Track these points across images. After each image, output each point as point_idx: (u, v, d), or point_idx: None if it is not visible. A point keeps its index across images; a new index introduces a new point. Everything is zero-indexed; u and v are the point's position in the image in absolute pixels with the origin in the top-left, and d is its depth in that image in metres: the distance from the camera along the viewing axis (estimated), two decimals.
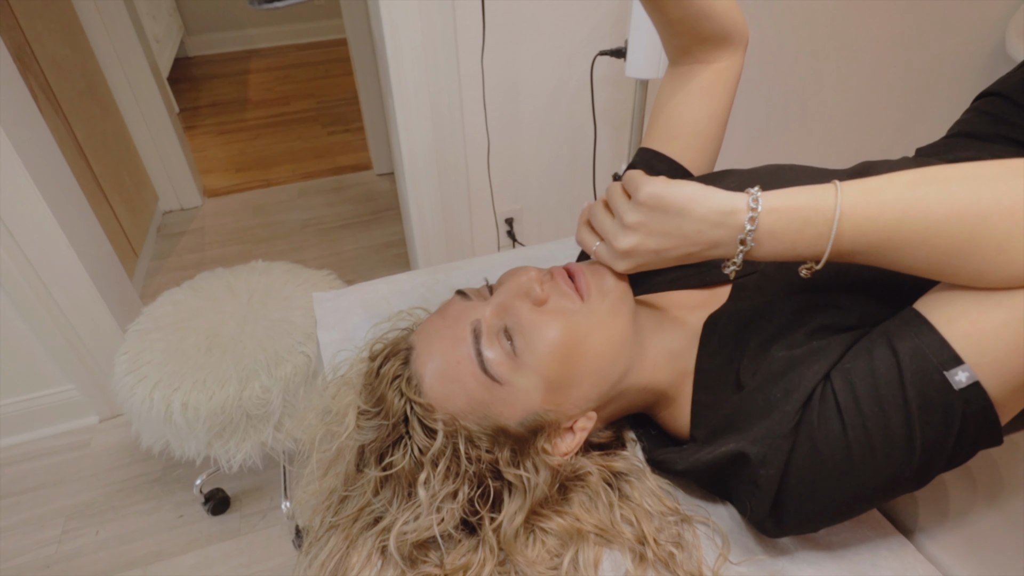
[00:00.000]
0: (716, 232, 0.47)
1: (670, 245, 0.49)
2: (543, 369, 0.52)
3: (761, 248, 0.47)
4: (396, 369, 0.54)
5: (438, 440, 0.51)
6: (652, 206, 0.48)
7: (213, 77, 3.81)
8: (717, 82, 0.71)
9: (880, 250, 0.44)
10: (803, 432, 0.48)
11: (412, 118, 1.37)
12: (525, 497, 0.52)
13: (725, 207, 0.47)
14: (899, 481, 0.47)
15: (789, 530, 0.52)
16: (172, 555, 1.33)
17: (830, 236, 0.44)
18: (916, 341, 0.44)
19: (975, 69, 1.79)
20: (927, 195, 0.42)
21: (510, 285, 0.55)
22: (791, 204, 0.46)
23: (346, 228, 2.41)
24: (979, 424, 0.43)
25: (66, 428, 1.62)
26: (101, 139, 2.01)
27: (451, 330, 0.53)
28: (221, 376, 1.13)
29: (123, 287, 1.68)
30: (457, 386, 0.52)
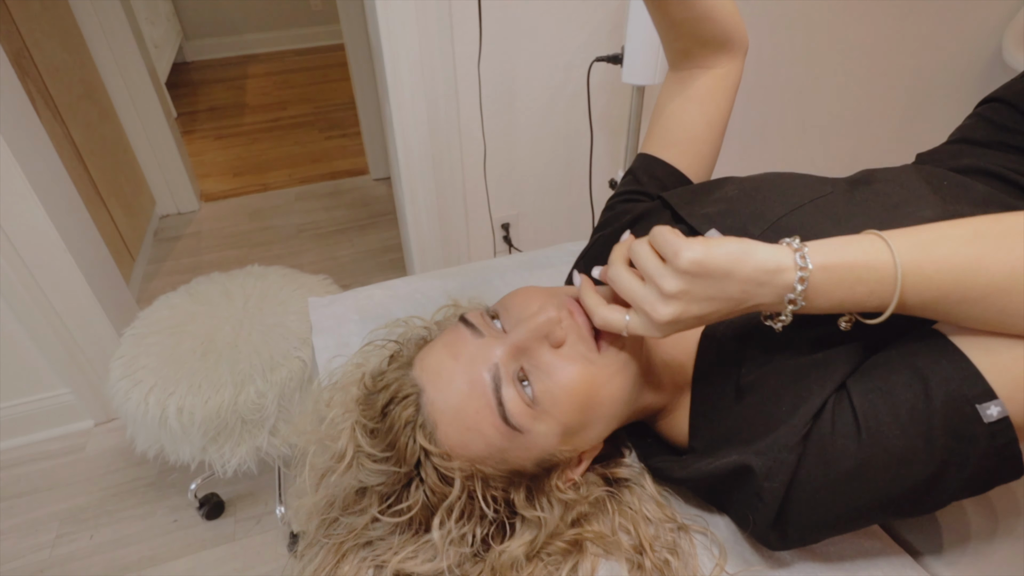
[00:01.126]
0: (761, 291, 0.44)
1: (713, 309, 0.45)
2: (562, 416, 0.51)
3: (809, 306, 0.45)
4: (408, 415, 0.50)
5: (455, 489, 0.49)
6: (695, 273, 0.43)
7: (211, 82, 3.82)
8: (717, 88, 0.72)
9: (934, 307, 0.43)
10: (812, 444, 0.47)
11: (409, 123, 1.38)
12: (539, 533, 0.52)
13: (770, 265, 0.43)
14: (909, 504, 0.47)
15: (792, 543, 0.52)
16: (166, 560, 1.32)
17: (891, 294, 0.43)
18: (950, 370, 0.44)
19: (972, 76, 1.80)
20: (985, 253, 0.41)
21: (529, 326, 0.50)
22: (842, 261, 0.43)
23: (342, 233, 2.41)
24: (1002, 458, 0.43)
25: (61, 432, 1.61)
26: (99, 144, 2.01)
27: (467, 375, 0.50)
28: (216, 381, 1.13)
29: (119, 291, 1.68)
30: (475, 434, 0.49)
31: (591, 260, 0.76)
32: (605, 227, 0.76)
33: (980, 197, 0.61)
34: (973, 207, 0.59)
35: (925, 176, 0.64)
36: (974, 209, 0.59)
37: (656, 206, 0.71)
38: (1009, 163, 0.68)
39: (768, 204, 0.61)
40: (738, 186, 0.66)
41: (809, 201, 0.60)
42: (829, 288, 0.44)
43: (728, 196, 0.65)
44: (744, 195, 0.64)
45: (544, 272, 0.93)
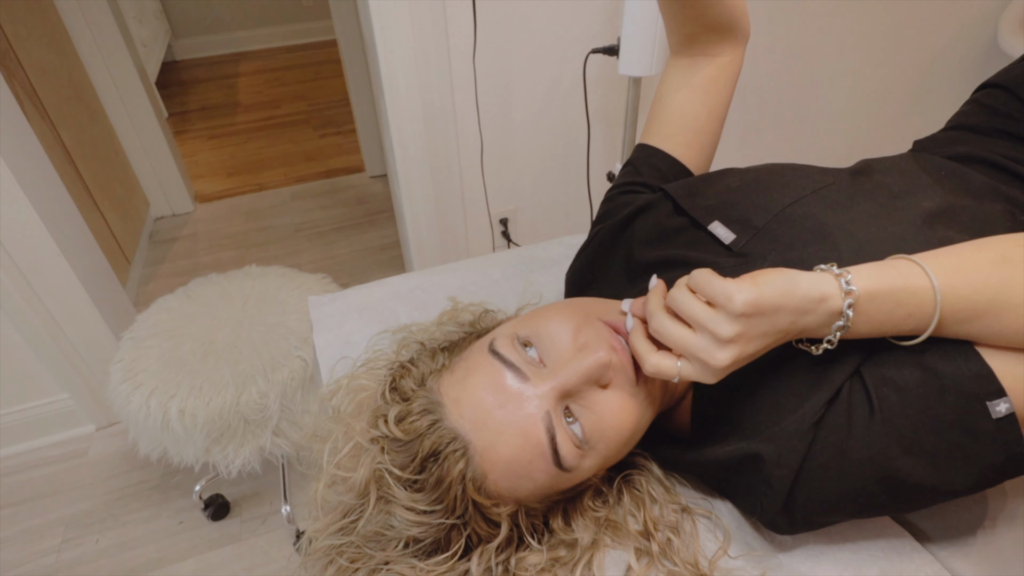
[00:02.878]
0: (805, 319, 0.44)
1: (765, 345, 0.45)
2: (606, 451, 0.51)
3: (852, 330, 0.46)
4: (460, 469, 0.47)
5: (503, 531, 0.50)
6: (751, 314, 0.43)
7: (202, 81, 3.79)
8: (719, 77, 0.71)
9: (967, 327, 0.45)
10: (824, 430, 0.48)
11: (404, 119, 1.37)
12: (573, 551, 0.53)
13: (815, 293, 0.44)
14: (919, 495, 0.48)
15: (801, 527, 0.52)
16: (173, 561, 1.32)
17: (929, 316, 0.44)
18: (963, 367, 0.45)
19: (968, 64, 1.80)
20: (1014, 276, 0.44)
21: (579, 371, 0.48)
22: (884, 286, 0.44)
23: (340, 231, 2.40)
24: (1009, 453, 0.45)
25: (62, 438, 1.61)
26: (90, 145, 1.99)
27: (519, 427, 0.47)
28: (218, 382, 1.12)
29: (116, 295, 1.67)
30: (526, 480, 0.49)
31: (591, 254, 0.76)
32: (605, 219, 0.75)
33: (977, 188, 0.61)
34: (971, 198, 0.60)
35: (924, 165, 0.64)
36: (973, 200, 0.59)
37: (658, 198, 0.70)
38: (1006, 150, 0.68)
39: (771, 195, 0.61)
40: (740, 178, 0.66)
41: (811, 192, 0.60)
42: (872, 312, 0.45)
43: (730, 188, 0.65)
44: (746, 187, 0.64)
45: (545, 267, 0.92)
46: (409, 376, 0.56)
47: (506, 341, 0.51)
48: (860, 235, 0.54)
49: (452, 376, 0.52)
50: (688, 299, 0.45)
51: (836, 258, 0.53)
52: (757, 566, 0.53)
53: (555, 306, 0.56)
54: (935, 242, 0.49)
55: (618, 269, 0.71)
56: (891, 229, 0.54)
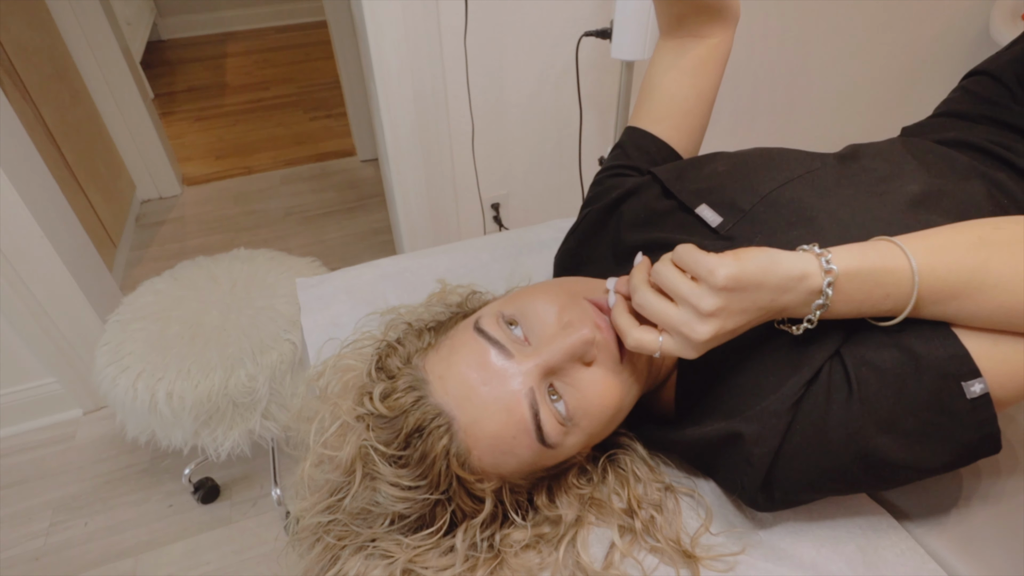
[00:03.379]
0: (786, 297, 0.45)
1: (746, 321, 0.46)
2: (590, 428, 0.51)
3: (831, 310, 0.46)
4: (444, 445, 0.48)
5: (487, 507, 0.50)
6: (732, 288, 0.44)
7: (188, 61, 3.73)
8: (709, 59, 0.71)
9: (943, 307, 0.46)
10: (804, 409, 0.49)
11: (395, 101, 1.35)
12: (557, 528, 0.53)
13: (796, 272, 0.45)
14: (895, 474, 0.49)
15: (779, 505, 0.53)
16: (163, 544, 1.32)
17: (907, 297, 0.45)
18: (939, 348, 0.46)
19: (960, 52, 1.80)
20: (991, 258, 0.45)
21: (563, 348, 0.48)
22: (863, 265, 0.45)
23: (330, 216, 2.39)
24: (981, 433, 0.46)
25: (49, 422, 1.60)
26: (73, 126, 1.96)
27: (502, 403, 0.48)
28: (205, 365, 1.12)
29: (102, 278, 1.65)
30: (509, 456, 0.49)
31: (581, 236, 0.76)
32: (594, 202, 0.75)
33: (964, 171, 0.62)
34: (957, 180, 0.60)
35: (911, 150, 0.64)
36: (958, 182, 0.60)
37: (646, 181, 0.70)
38: (992, 136, 0.68)
39: (758, 179, 0.61)
40: (728, 161, 0.66)
41: (798, 176, 0.60)
42: (851, 291, 0.45)
43: (718, 172, 0.65)
44: (734, 170, 0.64)
45: (535, 249, 0.92)
46: (395, 355, 0.56)
47: (491, 319, 0.51)
48: (845, 219, 0.55)
49: (437, 354, 0.52)
50: (671, 273, 0.46)
51: (821, 241, 0.53)
52: (737, 542, 0.55)
53: (541, 285, 0.56)
54: (918, 226, 0.49)
55: (606, 251, 0.71)
56: (876, 213, 0.55)
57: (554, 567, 0.51)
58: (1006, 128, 0.70)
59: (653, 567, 0.52)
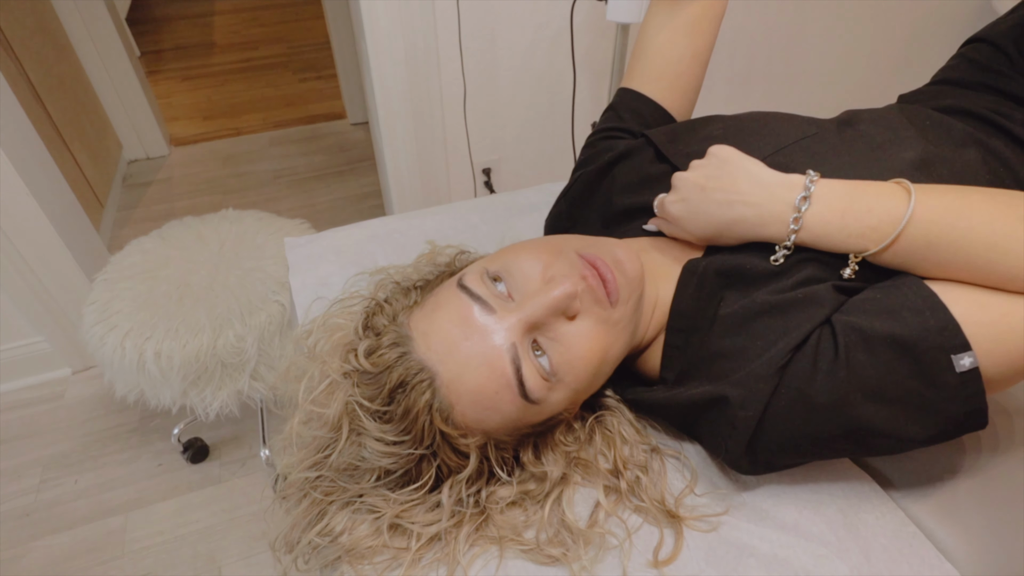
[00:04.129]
0: (765, 191, 0.52)
1: (716, 186, 0.54)
2: (575, 383, 0.51)
3: (813, 223, 0.50)
4: (426, 399, 0.48)
5: (471, 462, 0.50)
6: (716, 154, 0.56)
7: (175, 19, 3.63)
8: (703, 18, 0.70)
9: (924, 230, 0.47)
10: (789, 376, 0.49)
11: (386, 62, 1.33)
12: (543, 484, 0.54)
13: (781, 175, 0.52)
14: (879, 443, 0.49)
15: (762, 468, 0.54)
16: (152, 502, 1.34)
17: (897, 216, 0.48)
18: (930, 319, 0.45)
19: (960, 20, 1.78)
20: (972, 195, 0.47)
21: (545, 303, 0.48)
22: (844, 183, 0.50)
23: (320, 179, 2.36)
24: (969, 407, 0.45)
25: (38, 380, 1.60)
26: (57, 82, 1.91)
27: (484, 357, 0.48)
28: (194, 325, 1.12)
29: (89, 237, 1.64)
30: (493, 412, 0.49)
31: (572, 199, 0.75)
32: (586, 164, 0.74)
33: (960, 138, 0.61)
34: (954, 147, 0.60)
35: (907, 116, 0.64)
36: (955, 149, 0.59)
37: (639, 144, 0.70)
38: (989, 103, 0.68)
39: (754, 143, 0.60)
40: (723, 125, 0.66)
41: (795, 141, 0.60)
42: (833, 197, 0.50)
43: (713, 135, 0.64)
44: (730, 134, 0.63)
45: (525, 212, 0.92)
46: (382, 313, 0.56)
47: (475, 276, 0.51)
48: None
49: (422, 311, 0.52)
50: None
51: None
52: (721, 503, 0.55)
53: (527, 242, 0.56)
54: None
55: (597, 215, 0.71)
56: (872, 179, 0.54)
57: (539, 524, 0.52)
58: (1004, 96, 0.69)
59: (637, 526, 0.53)
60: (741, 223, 0.53)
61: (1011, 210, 0.45)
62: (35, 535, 1.28)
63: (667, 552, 0.51)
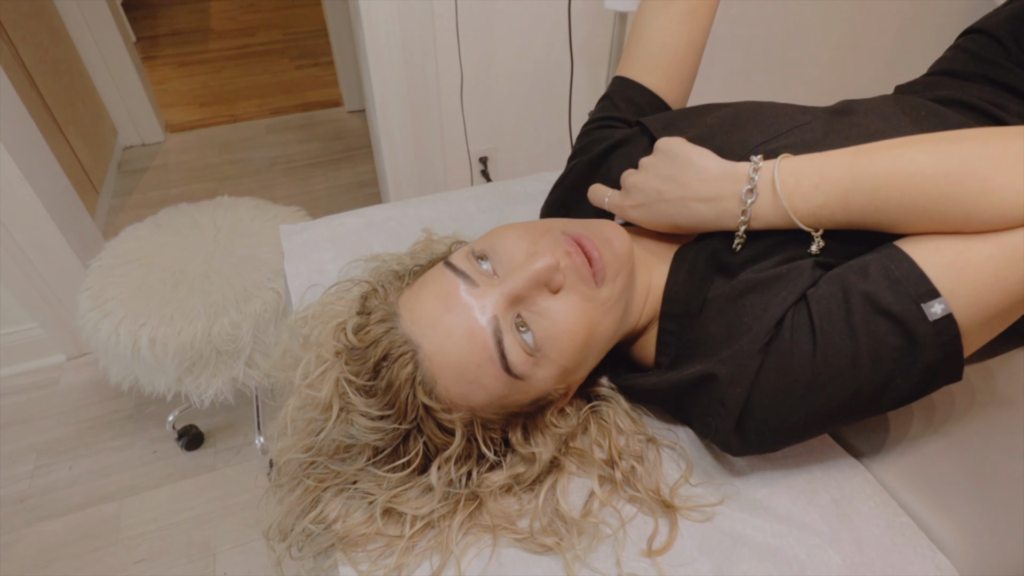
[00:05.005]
0: (715, 185, 0.52)
1: (668, 188, 0.55)
2: (561, 359, 0.51)
3: (762, 203, 0.51)
4: (408, 372, 0.48)
5: (456, 439, 0.50)
6: (663, 150, 0.56)
7: (172, 4, 3.59)
8: (700, 6, 0.70)
9: (873, 196, 0.47)
10: (773, 351, 0.49)
11: (383, 50, 1.32)
12: (531, 467, 0.53)
13: (727, 167, 0.52)
14: (861, 406, 0.48)
15: (753, 448, 0.54)
16: (147, 489, 1.34)
17: (840, 186, 0.48)
18: (896, 272, 0.45)
19: (959, 10, 1.77)
20: (915, 148, 0.46)
21: (526, 275, 0.48)
22: (788, 162, 0.50)
23: (316, 167, 2.35)
24: (946, 355, 0.45)
25: (32, 367, 1.59)
26: (51, 66, 1.89)
27: (465, 329, 0.48)
28: (189, 312, 1.11)
29: (84, 223, 1.63)
30: (477, 387, 0.49)
31: (567, 188, 0.75)
32: (582, 153, 0.74)
33: (956, 128, 0.61)
34: None
35: (903, 107, 0.64)
36: None
37: (634, 132, 0.70)
38: (985, 94, 0.68)
39: (748, 132, 0.60)
40: (718, 114, 0.65)
41: (788, 130, 0.60)
42: (780, 181, 0.50)
43: (707, 124, 0.64)
44: (724, 123, 0.63)
45: (522, 201, 0.91)
46: (375, 296, 0.57)
47: (461, 255, 0.52)
48: None
49: (411, 290, 0.53)
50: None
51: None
52: (716, 493, 0.56)
53: (515, 223, 0.56)
54: None
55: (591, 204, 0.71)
56: None
57: (533, 513, 0.52)
58: (1000, 87, 0.69)
59: (631, 515, 0.53)
60: (698, 220, 0.54)
61: (953, 152, 0.45)
62: (29, 521, 1.28)
63: (661, 542, 0.51)
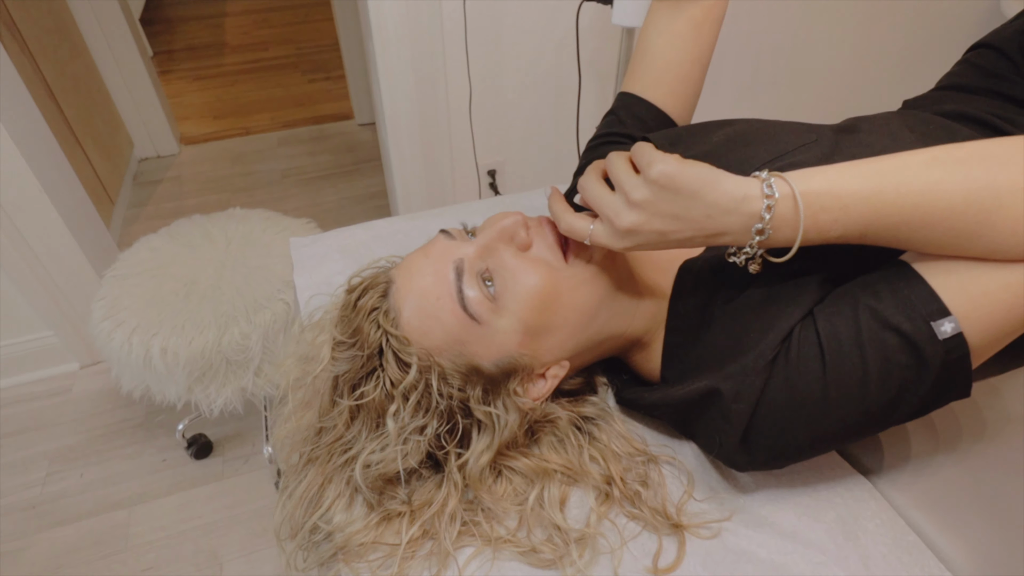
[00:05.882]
0: (726, 219, 0.45)
1: (675, 228, 0.46)
2: (521, 313, 0.52)
3: (776, 236, 0.45)
4: (374, 302, 0.53)
5: (411, 373, 0.51)
6: (663, 185, 0.44)
7: (188, 19, 3.66)
8: (704, 21, 0.70)
9: (895, 232, 0.44)
10: (779, 368, 0.49)
11: (393, 65, 1.34)
12: (493, 435, 0.53)
13: (738, 193, 0.44)
14: (868, 423, 0.48)
15: (759, 464, 0.53)
16: (156, 497, 1.35)
17: (859, 221, 0.44)
18: (906, 292, 0.45)
19: (968, 26, 1.77)
20: (944, 177, 0.42)
21: (496, 228, 0.53)
22: (807, 189, 0.44)
23: (327, 179, 2.37)
24: (954, 373, 0.45)
25: (46, 374, 1.61)
26: (71, 81, 1.94)
27: (433, 267, 0.53)
28: (199, 322, 1.13)
29: (99, 234, 1.65)
30: (435, 322, 0.51)
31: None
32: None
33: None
34: None
35: (910, 123, 0.64)
36: None
37: None
38: (994, 108, 0.68)
39: (753, 150, 0.60)
40: (724, 131, 0.66)
41: (794, 148, 0.60)
42: (794, 216, 0.44)
43: (713, 141, 0.64)
44: (730, 141, 0.63)
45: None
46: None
47: (454, 228, 0.57)
48: None
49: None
50: (620, 161, 0.48)
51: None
52: (722, 508, 0.55)
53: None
54: None
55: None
56: None
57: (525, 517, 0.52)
58: (1008, 101, 0.69)
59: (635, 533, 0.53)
60: (710, 247, 0.53)
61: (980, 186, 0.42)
62: (40, 527, 1.30)
63: (669, 560, 0.51)
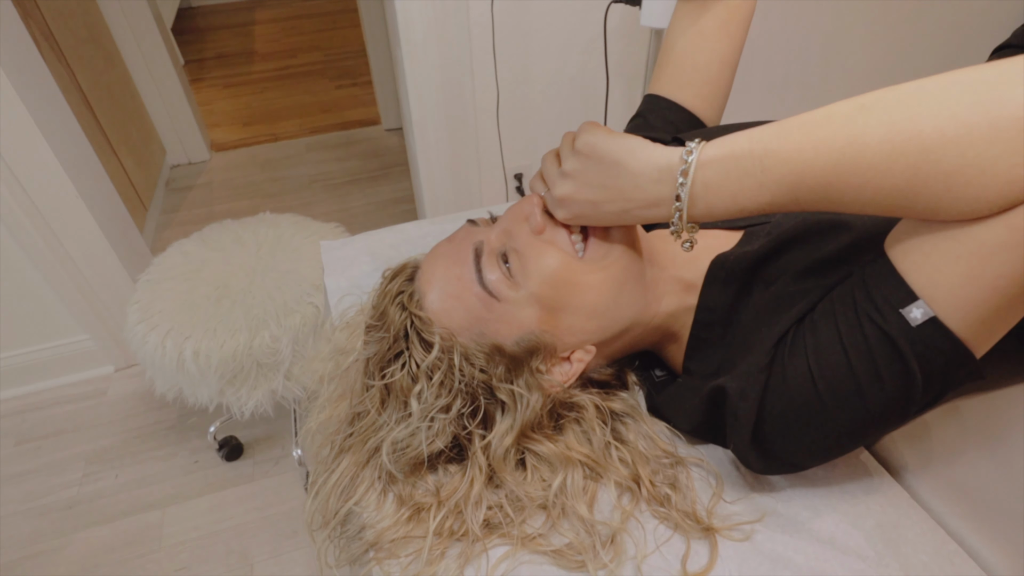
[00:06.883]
0: (656, 188, 0.44)
1: (605, 198, 0.47)
2: (536, 289, 0.52)
3: (697, 206, 0.44)
4: (400, 285, 0.56)
5: (434, 352, 0.52)
6: (587, 154, 0.47)
7: (218, 28, 3.74)
8: (731, 20, 0.69)
9: (824, 194, 0.40)
10: (776, 369, 0.48)
11: (420, 70, 1.35)
12: (515, 415, 0.53)
13: (661, 162, 0.44)
14: (880, 421, 0.46)
15: (773, 467, 0.52)
16: (188, 498, 1.37)
17: (786, 186, 0.40)
18: (876, 280, 0.43)
19: (1001, 24, 1.72)
20: (865, 129, 0.38)
21: (514, 210, 0.56)
22: (725, 153, 0.42)
23: (355, 184, 2.40)
24: (946, 360, 0.42)
25: (83, 377, 1.66)
26: (106, 89, 1.99)
27: (455, 250, 0.55)
28: (231, 325, 1.15)
29: (133, 239, 1.69)
30: (456, 302, 0.53)
31: None
32: None
33: None
34: None
35: None
36: None
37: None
38: None
39: None
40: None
41: None
42: (715, 183, 0.42)
43: None
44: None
45: None
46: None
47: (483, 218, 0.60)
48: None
49: None
50: (566, 136, 0.52)
51: (849, 228, 0.53)
52: (754, 510, 0.54)
53: None
54: None
55: None
56: None
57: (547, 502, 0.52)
58: None
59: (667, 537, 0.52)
60: (646, 220, 0.49)
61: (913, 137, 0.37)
62: (77, 527, 1.33)
63: (702, 563, 0.50)
